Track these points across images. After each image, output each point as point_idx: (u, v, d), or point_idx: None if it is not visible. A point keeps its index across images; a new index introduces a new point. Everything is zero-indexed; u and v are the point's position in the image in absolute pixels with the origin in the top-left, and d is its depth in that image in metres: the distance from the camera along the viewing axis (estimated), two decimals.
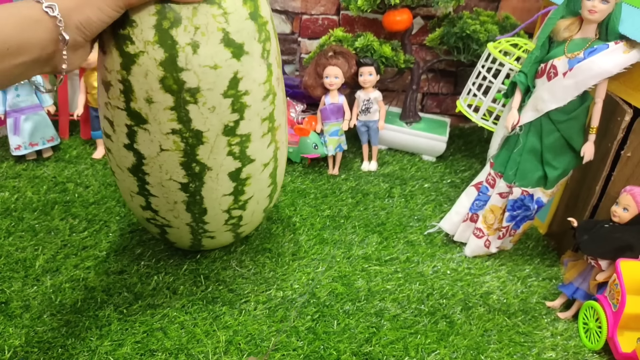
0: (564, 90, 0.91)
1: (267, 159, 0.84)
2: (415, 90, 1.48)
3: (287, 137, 0.93)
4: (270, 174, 0.87)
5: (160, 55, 0.67)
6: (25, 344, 0.80)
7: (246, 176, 0.82)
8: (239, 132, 0.77)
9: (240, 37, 0.70)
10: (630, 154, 0.95)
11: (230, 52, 0.70)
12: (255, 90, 0.75)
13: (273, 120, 0.81)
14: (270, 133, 0.82)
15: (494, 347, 0.88)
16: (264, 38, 0.74)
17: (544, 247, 1.15)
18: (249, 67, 0.73)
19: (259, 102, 0.77)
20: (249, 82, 0.74)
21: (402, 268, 1.04)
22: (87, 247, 1.02)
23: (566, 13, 0.94)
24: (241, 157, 0.79)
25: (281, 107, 0.84)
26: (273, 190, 0.92)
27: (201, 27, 0.67)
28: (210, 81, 0.70)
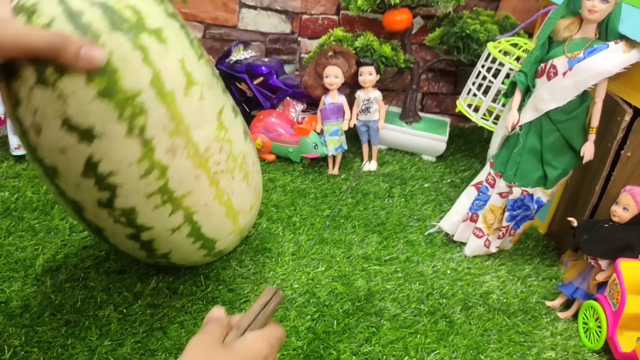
0: (564, 90, 0.91)
1: (174, 225, 0.76)
2: (415, 90, 1.48)
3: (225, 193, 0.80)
4: (189, 234, 0.78)
5: (18, 131, 0.66)
6: (25, 344, 0.81)
7: (150, 239, 0.76)
8: (118, 205, 0.70)
9: (86, 121, 0.61)
10: (630, 154, 0.95)
11: (75, 136, 0.62)
12: (124, 170, 0.66)
13: (169, 192, 0.71)
14: (169, 203, 0.72)
15: (494, 346, 0.88)
16: (130, 114, 0.63)
17: (543, 247, 1.15)
18: (108, 149, 0.64)
19: (135, 181, 0.68)
20: (112, 163, 0.65)
21: (401, 268, 1.04)
22: (87, 247, 1.02)
23: (566, 13, 0.94)
24: (132, 225, 0.73)
25: (185, 175, 0.72)
26: (207, 243, 0.83)
27: (39, 110, 0.61)
28: (62, 164, 0.65)
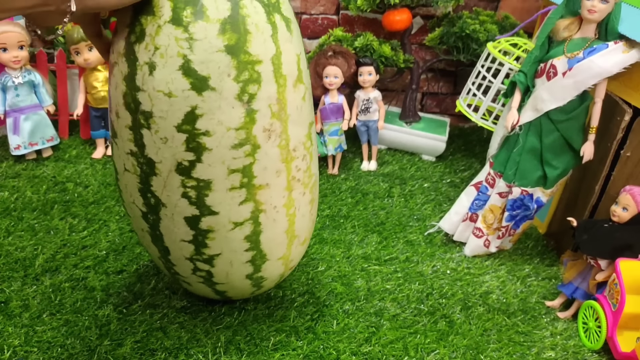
0: (564, 89, 0.91)
1: (240, 218, 0.72)
2: (414, 90, 1.48)
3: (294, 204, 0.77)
4: (247, 237, 0.75)
5: (125, 70, 0.64)
6: (24, 344, 0.80)
7: (207, 228, 0.72)
8: (195, 174, 0.68)
9: (206, 69, 0.62)
10: (630, 154, 0.95)
11: (189, 82, 0.62)
12: (220, 133, 0.65)
13: (250, 175, 0.70)
14: (245, 189, 0.70)
15: (494, 346, 0.88)
16: (247, 79, 0.64)
17: (543, 247, 1.15)
18: (214, 105, 0.64)
19: (225, 149, 0.67)
20: (212, 122, 0.65)
21: (401, 268, 1.04)
22: (86, 247, 1.02)
23: (566, 13, 0.94)
24: (199, 205, 0.70)
25: (270, 164, 0.71)
26: (257, 258, 0.78)
27: (161, 48, 0.61)
28: (163, 109, 0.64)
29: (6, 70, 1.25)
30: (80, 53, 1.27)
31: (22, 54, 1.24)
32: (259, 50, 0.64)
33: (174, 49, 0.61)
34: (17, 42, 1.22)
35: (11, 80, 1.25)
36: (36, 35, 1.27)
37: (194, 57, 0.62)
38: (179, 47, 0.61)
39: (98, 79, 1.31)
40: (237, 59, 0.63)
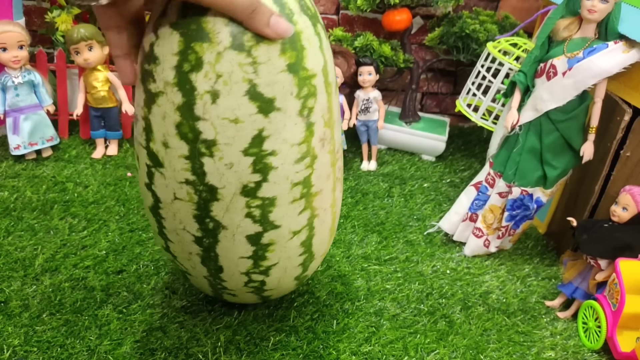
0: (564, 89, 0.91)
1: (299, 226, 0.74)
2: (414, 90, 1.48)
3: (336, 201, 0.79)
4: (302, 243, 0.76)
5: (178, 100, 0.61)
6: (24, 343, 0.80)
7: (269, 242, 0.73)
8: (260, 194, 0.67)
9: (271, 91, 0.62)
10: (630, 154, 0.95)
11: (256, 106, 0.61)
12: (285, 151, 0.66)
13: (309, 185, 0.71)
14: (304, 199, 0.71)
15: (494, 346, 0.88)
16: (306, 94, 0.64)
17: (543, 247, 1.15)
18: (279, 125, 0.64)
19: (290, 165, 0.67)
20: (277, 141, 0.64)
21: (401, 268, 1.04)
22: (86, 247, 1.02)
23: (565, 12, 0.94)
24: (262, 222, 0.70)
25: (324, 170, 0.72)
26: (307, 259, 0.80)
27: (224, 75, 0.59)
28: (229, 135, 0.62)
29: (6, 70, 1.25)
30: (80, 53, 1.27)
31: (22, 53, 1.24)
32: (313, 64, 0.64)
33: (239, 75, 0.59)
34: (17, 41, 1.22)
35: (11, 80, 1.24)
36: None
37: (260, 81, 0.60)
38: (244, 73, 0.59)
39: (98, 79, 1.31)
40: (298, 76, 0.63)
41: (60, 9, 1.39)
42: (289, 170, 0.67)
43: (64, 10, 1.39)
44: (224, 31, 0.58)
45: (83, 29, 1.25)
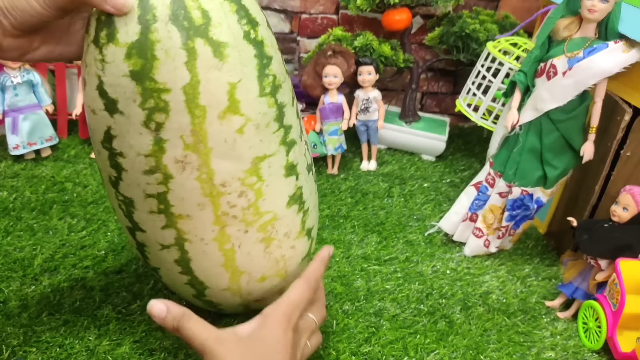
0: (564, 89, 0.91)
1: (165, 241, 0.71)
2: (414, 90, 1.48)
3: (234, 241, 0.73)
4: (176, 261, 0.73)
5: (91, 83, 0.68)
6: (23, 343, 0.80)
7: (141, 241, 0.74)
8: (121, 190, 0.69)
9: (114, 92, 0.62)
10: (630, 154, 0.95)
11: (103, 103, 0.63)
12: (132, 157, 0.65)
13: (166, 204, 0.68)
14: (164, 216, 0.69)
15: (494, 346, 0.88)
16: (152, 106, 0.61)
17: (543, 247, 1.15)
18: (124, 129, 0.64)
19: (138, 173, 0.66)
20: (124, 144, 0.65)
21: (401, 268, 1.04)
22: (85, 247, 1.01)
23: (566, 12, 0.94)
24: (129, 217, 0.72)
25: (188, 195, 0.67)
26: (195, 283, 0.77)
27: (88, 67, 0.63)
28: (92, 123, 0.67)
29: (5, 70, 1.24)
30: None
31: None
32: (165, 78, 0.61)
33: (93, 69, 0.63)
34: None
35: (10, 80, 1.24)
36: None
37: (106, 79, 0.62)
38: (96, 68, 0.62)
39: None
40: (142, 85, 0.61)
41: None
42: (138, 179, 0.67)
43: None
44: (92, 25, 0.62)
45: None
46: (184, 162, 0.65)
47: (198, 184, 0.67)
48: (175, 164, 0.65)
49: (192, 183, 0.67)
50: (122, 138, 0.65)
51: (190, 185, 0.67)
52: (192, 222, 0.69)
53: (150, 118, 0.62)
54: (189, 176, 0.66)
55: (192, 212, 0.69)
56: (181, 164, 0.65)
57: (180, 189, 0.67)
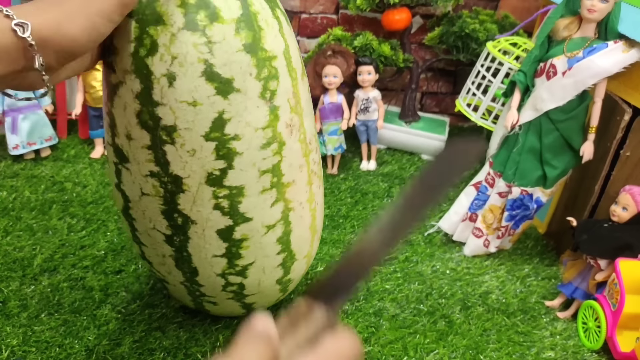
0: (563, 89, 0.91)
1: (272, 220, 0.70)
2: (414, 90, 1.48)
3: (314, 197, 0.76)
4: (279, 239, 0.73)
5: (137, 87, 0.60)
6: (22, 343, 0.80)
7: (241, 237, 0.70)
8: (227, 183, 0.65)
9: (229, 71, 0.60)
10: (630, 154, 0.95)
11: (213, 87, 0.60)
12: (248, 135, 0.63)
13: (279, 174, 0.68)
14: (275, 189, 0.69)
15: (493, 346, 0.88)
16: (267, 75, 0.63)
17: (543, 247, 1.15)
18: (240, 107, 0.62)
19: (255, 151, 0.65)
20: (240, 125, 0.63)
21: (401, 268, 1.03)
22: (85, 247, 1.01)
23: (565, 12, 0.94)
24: (232, 214, 0.67)
25: (295, 160, 0.69)
26: (287, 259, 0.77)
27: (179, 57, 0.59)
28: (188, 119, 0.61)
29: None
30: None
31: None
32: (272, 45, 0.63)
33: (194, 56, 0.59)
34: None
35: None
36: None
37: (216, 61, 0.60)
38: (199, 53, 0.59)
39: (96, 79, 1.31)
40: (256, 56, 0.62)
41: None
42: (255, 157, 0.65)
43: None
44: (177, 12, 0.58)
45: None
46: (291, 125, 0.68)
47: (299, 145, 0.70)
48: (286, 128, 0.67)
49: (296, 145, 0.70)
50: (238, 118, 0.62)
51: (296, 147, 0.70)
52: (295, 187, 0.72)
53: (265, 88, 0.63)
54: (295, 138, 0.69)
55: (296, 176, 0.71)
56: (289, 128, 0.68)
57: (289, 153, 0.69)
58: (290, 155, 0.69)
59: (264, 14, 0.63)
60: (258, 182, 0.67)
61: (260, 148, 0.65)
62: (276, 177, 0.68)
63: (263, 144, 0.65)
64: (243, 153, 0.64)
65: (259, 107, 0.63)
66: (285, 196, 0.70)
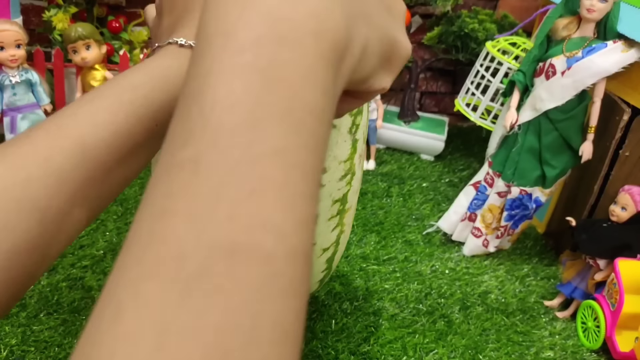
0: (562, 89, 0.91)
1: (329, 243, 0.73)
2: (413, 89, 1.48)
3: (352, 219, 0.80)
4: (327, 259, 0.76)
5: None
6: (21, 343, 0.80)
7: None
8: None
9: None
10: (629, 153, 0.95)
11: None
12: (333, 168, 0.66)
13: (345, 202, 0.71)
14: (339, 216, 0.72)
15: (492, 346, 0.88)
16: (357, 111, 0.65)
17: (542, 247, 1.15)
18: (332, 142, 0.64)
19: (335, 182, 0.67)
20: (329, 159, 0.64)
21: (400, 267, 1.03)
22: (83, 246, 1.01)
23: (565, 12, 0.94)
24: None
25: (356, 187, 0.73)
26: (326, 275, 0.80)
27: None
28: None
29: (3, 69, 1.24)
30: (77, 52, 1.27)
31: (20, 52, 1.23)
32: None
33: None
34: (15, 40, 1.22)
35: (8, 79, 1.24)
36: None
37: None
38: None
39: (95, 78, 1.31)
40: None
41: (57, 8, 1.39)
42: (333, 187, 0.67)
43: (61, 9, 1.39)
44: None
45: (81, 28, 1.24)
46: (362, 155, 0.71)
47: (360, 173, 0.73)
48: (359, 158, 0.70)
49: (360, 172, 0.72)
50: (329, 153, 0.64)
51: (359, 175, 0.72)
52: (350, 212, 0.74)
53: (354, 123, 0.65)
54: (360, 167, 0.72)
55: (353, 202, 0.73)
56: (360, 158, 0.71)
57: (356, 182, 0.72)
58: (356, 183, 0.72)
59: None
60: (329, 210, 0.69)
61: (339, 179, 0.68)
62: (342, 205, 0.71)
63: (342, 176, 0.68)
64: (325, 185, 0.66)
65: (345, 141, 0.66)
66: (343, 221, 0.73)
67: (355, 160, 0.69)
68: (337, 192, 0.69)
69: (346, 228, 0.76)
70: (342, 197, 0.70)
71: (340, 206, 0.70)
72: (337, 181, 0.68)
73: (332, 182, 0.67)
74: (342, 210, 0.71)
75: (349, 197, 0.71)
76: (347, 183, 0.69)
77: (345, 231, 0.76)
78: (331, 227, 0.71)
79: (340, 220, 0.73)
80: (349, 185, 0.70)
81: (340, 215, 0.72)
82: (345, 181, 0.69)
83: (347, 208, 0.73)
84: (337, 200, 0.69)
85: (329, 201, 0.68)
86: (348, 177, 0.69)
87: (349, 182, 0.69)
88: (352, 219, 0.78)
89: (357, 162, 0.70)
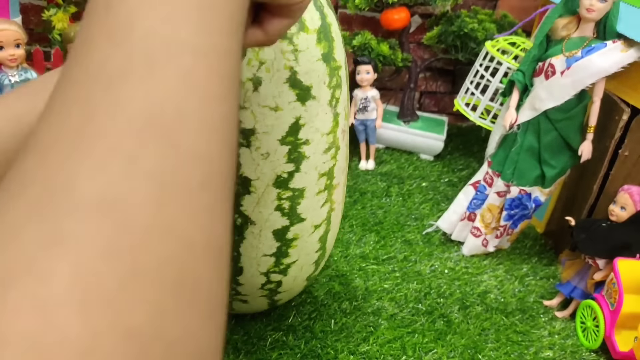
0: (562, 89, 0.91)
1: (319, 220, 0.74)
2: (412, 89, 1.48)
3: (344, 198, 0.81)
4: (320, 238, 0.76)
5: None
6: None
7: (293, 236, 0.72)
8: (292, 185, 0.68)
9: (309, 79, 0.63)
10: (628, 153, 0.95)
11: (295, 94, 0.63)
12: (316, 140, 0.67)
13: (332, 177, 0.72)
14: (327, 191, 0.72)
15: (492, 346, 0.88)
16: (335, 84, 0.67)
17: (541, 246, 1.15)
18: (313, 113, 0.65)
19: (319, 155, 0.69)
20: (311, 130, 0.66)
21: (399, 267, 1.03)
22: None
23: (564, 12, 0.94)
24: (290, 215, 0.70)
25: (343, 163, 0.75)
26: (321, 257, 0.80)
27: (267, 63, 0.60)
28: (268, 124, 0.63)
29: (2, 68, 1.24)
30: None
31: (19, 52, 1.23)
32: (340, 55, 0.68)
33: (281, 62, 0.61)
34: (14, 40, 1.21)
35: (7, 79, 1.24)
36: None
37: (300, 68, 0.62)
38: (286, 60, 0.61)
39: None
40: (329, 66, 0.65)
41: (56, 7, 1.39)
42: (318, 160, 0.69)
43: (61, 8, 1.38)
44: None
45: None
46: (344, 130, 0.73)
47: (346, 149, 0.74)
48: (341, 134, 0.71)
49: (345, 149, 0.74)
50: (310, 124, 0.66)
51: (345, 151, 0.74)
52: (339, 188, 0.76)
53: (333, 96, 0.67)
54: (345, 143, 0.74)
55: (341, 179, 0.75)
56: (343, 133, 0.72)
57: (341, 157, 0.74)
58: (341, 158, 0.73)
59: (334, 26, 0.66)
60: (316, 184, 0.70)
61: (323, 152, 0.69)
62: (329, 180, 0.72)
63: (325, 149, 0.69)
64: (310, 157, 0.68)
65: (326, 113, 0.67)
66: (332, 197, 0.75)
67: (339, 135, 0.70)
68: (323, 165, 0.70)
69: (336, 206, 0.77)
70: (329, 171, 0.71)
71: (328, 180, 0.72)
72: (322, 154, 0.69)
73: (317, 154, 0.68)
74: (330, 186, 0.73)
75: (335, 172, 0.72)
76: (332, 157, 0.71)
77: (335, 209, 0.77)
78: (320, 202, 0.72)
79: (329, 197, 0.74)
80: (334, 159, 0.71)
81: (329, 190, 0.73)
82: (330, 155, 0.70)
83: (335, 184, 0.74)
84: (323, 174, 0.70)
85: (315, 174, 0.69)
86: (332, 150, 0.70)
87: (334, 156, 0.71)
88: (343, 197, 0.79)
89: (341, 137, 0.71)
